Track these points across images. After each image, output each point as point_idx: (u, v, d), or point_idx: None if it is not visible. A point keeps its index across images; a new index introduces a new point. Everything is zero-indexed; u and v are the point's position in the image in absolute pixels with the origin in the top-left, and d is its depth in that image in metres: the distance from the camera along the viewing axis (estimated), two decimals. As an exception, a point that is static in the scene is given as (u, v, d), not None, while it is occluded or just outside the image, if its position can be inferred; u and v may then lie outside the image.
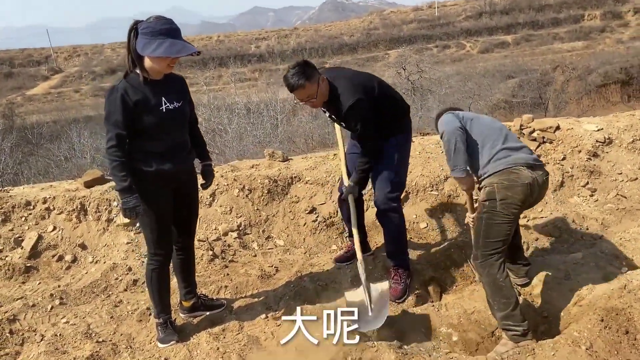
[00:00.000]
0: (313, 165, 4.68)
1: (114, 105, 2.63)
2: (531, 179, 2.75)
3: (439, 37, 36.65)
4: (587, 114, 18.25)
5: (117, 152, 2.65)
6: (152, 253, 2.98)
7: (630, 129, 4.59)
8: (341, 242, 4.21)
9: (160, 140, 2.77)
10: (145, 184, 2.78)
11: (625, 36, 34.91)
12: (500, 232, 2.79)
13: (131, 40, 2.64)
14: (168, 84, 2.81)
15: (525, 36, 36.00)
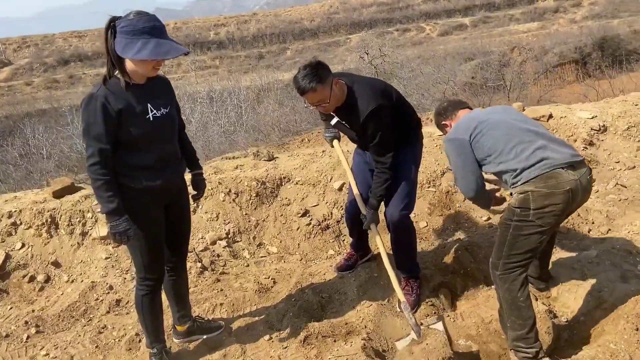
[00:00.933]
0: (302, 165, 4.40)
1: (94, 115, 2.27)
2: (573, 183, 2.40)
3: (399, 21, 36.58)
4: (548, 95, 18.58)
5: (101, 170, 2.31)
6: (142, 277, 2.65)
7: (624, 115, 4.51)
8: (338, 247, 3.98)
9: (148, 152, 2.43)
10: (134, 202, 2.44)
11: (578, 16, 35.71)
12: (528, 244, 2.49)
13: (109, 39, 2.27)
14: (152, 88, 2.46)
15: (483, 18, 36.37)
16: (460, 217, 4.01)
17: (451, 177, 4.24)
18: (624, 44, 31.14)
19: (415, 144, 3.16)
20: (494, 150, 2.57)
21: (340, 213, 4.11)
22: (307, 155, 4.57)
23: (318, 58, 3.06)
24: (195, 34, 40.61)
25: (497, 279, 2.63)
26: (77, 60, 39.01)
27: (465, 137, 2.64)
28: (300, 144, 11.41)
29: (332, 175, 4.28)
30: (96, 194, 2.37)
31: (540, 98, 16.89)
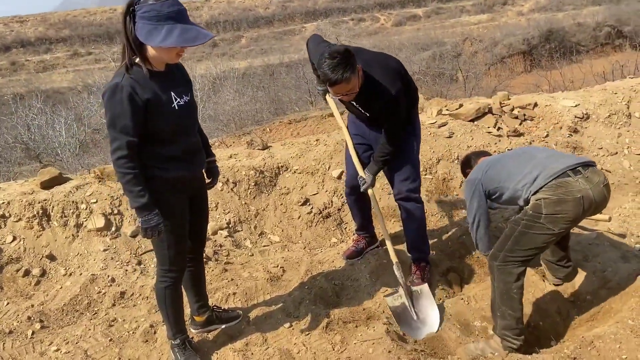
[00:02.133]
0: (299, 153, 4.38)
1: (120, 107, 2.17)
2: (585, 191, 2.47)
3: (353, 10, 36.70)
4: (502, 85, 19.19)
5: (129, 163, 2.22)
6: (166, 269, 2.58)
7: (605, 103, 4.73)
8: (340, 234, 4.00)
9: (176, 143, 2.37)
10: (162, 193, 2.38)
11: (525, 8, 36.94)
12: (534, 242, 2.55)
13: (128, 25, 2.15)
14: (173, 75, 2.37)
15: (435, 9, 37.04)
16: (458, 203, 4.11)
17: (446, 164, 4.35)
18: (569, 36, 32.48)
19: (415, 120, 3.20)
20: (502, 177, 2.73)
21: (340, 201, 4.13)
22: (302, 144, 4.55)
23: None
24: (144, 20, 39.17)
25: (494, 269, 2.69)
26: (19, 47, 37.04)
27: (477, 176, 2.82)
28: (262, 134, 11.34)
29: (330, 163, 4.29)
30: (125, 189, 2.28)
31: (495, 88, 17.42)
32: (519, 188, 2.67)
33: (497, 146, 4.43)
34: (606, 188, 2.61)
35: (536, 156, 2.71)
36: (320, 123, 11.46)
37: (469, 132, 4.50)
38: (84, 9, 42.06)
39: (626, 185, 4.13)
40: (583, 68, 20.06)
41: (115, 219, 3.85)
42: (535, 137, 4.54)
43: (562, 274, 3.11)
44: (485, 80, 24.09)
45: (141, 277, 3.54)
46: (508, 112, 4.71)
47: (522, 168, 2.66)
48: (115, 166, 2.24)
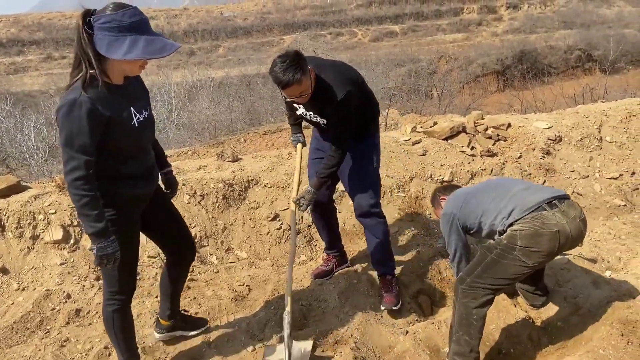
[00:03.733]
0: (270, 167, 4.27)
1: (78, 124, 1.99)
2: (561, 225, 2.43)
3: (332, 24, 36.88)
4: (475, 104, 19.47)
5: (86, 185, 2.05)
6: (114, 292, 2.41)
7: (577, 126, 4.76)
8: (310, 252, 3.89)
9: (136, 160, 2.26)
10: (120, 211, 2.25)
11: (499, 29, 37.75)
12: (505, 272, 2.50)
13: (83, 37, 1.99)
14: (131, 89, 2.22)
15: (412, 27, 37.50)
16: (430, 222, 4.04)
17: (419, 182, 4.29)
18: (541, 58, 33.35)
19: (375, 133, 3.16)
20: (478, 213, 2.67)
21: (311, 218, 4.01)
22: (274, 157, 4.44)
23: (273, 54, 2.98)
24: (120, 26, 38.68)
25: (458, 291, 2.62)
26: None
27: (453, 211, 2.76)
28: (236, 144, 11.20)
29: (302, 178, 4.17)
30: (80, 213, 2.10)
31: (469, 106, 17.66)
32: (496, 223, 2.62)
33: (470, 165, 4.39)
34: (583, 222, 2.58)
35: (511, 189, 2.67)
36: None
37: (442, 150, 4.46)
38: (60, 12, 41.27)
39: (597, 209, 4.13)
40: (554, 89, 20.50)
41: (75, 231, 3.67)
42: (508, 157, 4.52)
43: (538, 302, 3.08)
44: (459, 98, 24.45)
45: (99, 294, 3.35)
46: (482, 131, 4.69)
47: (498, 203, 2.61)
48: (70, 188, 2.06)
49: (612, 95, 15.78)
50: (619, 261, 3.50)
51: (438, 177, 4.28)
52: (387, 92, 25.20)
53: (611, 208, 4.20)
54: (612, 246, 3.64)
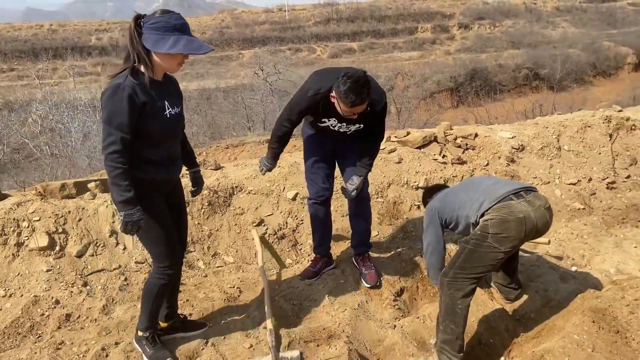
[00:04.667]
0: (253, 174, 4.39)
1: (119, 105, 2.32)
2: (526, 213, 2.69)
3: (291, 40, 37.29)
4: (433, 119, 20.11)
5: (120, 158, 2.34)
6: (165, 266, 2.68)
7: (537, 136, 5.11)
8: (295, 255, 4.01)
9: (158, 148, 2.53)
10: (141, 192, 2.48)
11: (452, 48, 39.11)
12: (483, 260, 2.72)
13: (133, 35, 2.36)
14: (168, 86, 2.57)
15: (369, 44, 38.36)
16: (408, 226, 4.25)
17: (396, 188, 4.50)
18: (492, 75, 34.72)
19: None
20: (455, 207, 2.95)
21: (295, 222, 4.15)
22: (255, 165, 4.56)
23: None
24: (73, 38, 37.90)
25: (444, 284, 2.84)
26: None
27: (435, 205, 3.08)
28: (197, 157, 11.16)
29: (285, 185, 4.32)
30: (112, 182, 2.37)
31: (427, 121, 18.23)
32: (470, 215, 2.87)
33: (443, 172, 4.65)
34: (548, 211, 2.84)
35: (482, 184, 2.96)
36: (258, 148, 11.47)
37: (416, 158, 4.70)
38: (8, 24, 39.95)
39: (559, 212, 4.45)
40: (505, 105, 21.45)
41: (60, 237, 3.67)
42: (477, 165, 4.81)
43: (512, 295, 3.32)
44: (416, 113, 25.15)
45: (88, 299, 3.38)
46: (452, 141, 4.97)
47: (471, 196, 2.89)
48: (107, 160, 2.33)
49: (559, 110, 16.68)
50: (582, 258, 3.80)
51: (413, 183, 4.50)
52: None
53: (572, 211, 4.53)
54: (575, 245, 3.94)
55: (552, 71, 34.79)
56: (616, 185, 4.80)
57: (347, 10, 41.74)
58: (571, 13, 48.32)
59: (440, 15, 42.88)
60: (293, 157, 4.74)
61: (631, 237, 4.05)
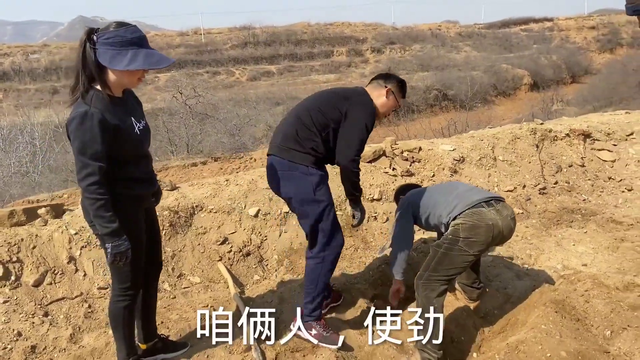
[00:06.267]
0: (212, 193, 4.36)
1: (91, 133, 2.21)
2: (495, 220, 2.90)
3: (208, 63, 36.96)
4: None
5: (100, 189, 2.25)
6: (126, 287, 2.58)
7: (475, 148, 5.49)
8: (262, 272, 4.02)
9: (139, 165, 2.49)
10: (124, 210, 2.40)
11: (366, 71, 40.52)
12: (453, 263, 2.92)
13: (88, 52, 2.23)
14: (129, 101, 2.49)
15: (287, 67, 38.90)
16: (367, 236, 4.40)
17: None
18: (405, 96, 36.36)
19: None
20: (429, 205, 3.17)
21: (259, 239, 4.17)
22: (213, 184, 4.53)
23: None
24: (-31, 62, 35.23)
25: (419, 286, 3.02)
26: None
27: (409, 199, 3.30)
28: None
29: (246, 202, 4.33)
30: (95, 215, 2.29)
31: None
32: (442, 215, 3.09)
33: (394, 184, 4.86)
34: (513, 221, 3.09)
35: (458, 189, 3.20)
36: (183, 172, 11.27)
37: (369, 172, 4.89)
38: None
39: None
40: (423, 124, 22.55)
41: (15, 267, 3.45)
42: (424, 176, 5.08)
43: (474, 295, 3.54)
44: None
45: (52, 329, 3.21)
46: (399, 154, 5.22)
47: (446, 198, 3.11)
48: (86, 192, 2.26)
49: (472, 127, 17.82)
50: (530, 257, 4.12)
51: (369, 196, 4.68)
52: (271, 128, 25.69)
53: (512, 216, 4.89)
54: (522, 246, 4.27)
55: (458, 92, 36.96)
56: (547, 190, 5.25)
57: (264, 34, 42.13)
58: (472, 38, 51.82)
59: (354, 39, 44.44)
60: (249, 174, 4.76)
61: (568, 236, 4.45)
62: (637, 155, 5.77)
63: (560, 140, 5.81)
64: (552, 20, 56.35)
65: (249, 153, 13.53)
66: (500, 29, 54.90)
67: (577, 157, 5.71)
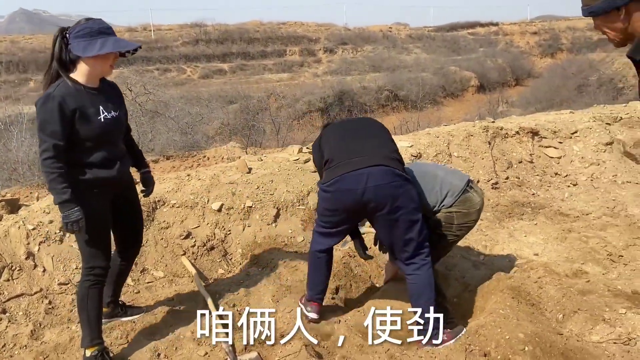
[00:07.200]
0: (174, 188, 4.32)
1: (50, 114, 2.47)
2: (481, 202, 3.15)
3: (158, 60, 36.09)
4: (310, 138, 20.85)
5: (54, 163, 2.49)
6: (90, 267, 2.73)
7: (432, 145, 5.67)
8: (227, 265, 4.03)
9: (99, 151, 2.65)
10: (84, 193, 2.61)
11: (319, 71, 40.79)
12: (447, 245, 3.22)
13: (62, 48, 2.54)
14: (105, 92, 2.71)
15: (240, 65, 38.56)
16: (330, 231, 4.47)
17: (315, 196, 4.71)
18: (357, 97, 36.79)
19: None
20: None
21: (223, 233, 4.17)
22: (175, 179, 4.49)
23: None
24: None
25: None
26: None
27: None
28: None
29: (209, 197, 4.32)
30: (50, 186, 2.52)
31: (305, 139, 18.85)
32: (430, 203, 3.13)
33: (355, 180, 4.96)
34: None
35: (438, 175, 3.22)
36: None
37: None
38: None
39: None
40: (376, 124, 22.88)
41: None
42: (383, 172, 5.19)
43: None
44: (292, 132, 25.81)
45: (11, 326, 3.13)
46: (359, 151, 5.31)
47: (432, 186, 3.15)
48: (42, 166, 2.49)
49: (423, 127, 18.30)
50: (485, 248, 4.31)
51: (331, 191, 4.75)
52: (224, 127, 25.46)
53: (467, 209, 5.09)
54: (477, 237, 4.46)
55: (409, 93, 37.70)
56: (499, 185, 5.49)
57: (216, 31, 41.59)
58: (422, 40, 53.00)
59: (307, 39, 44.57)
60: (211, 169, 4.75)
61: (519, 228, 4.68)
62: (580, 152, 6.11)
63: (510, 138, 6.08)
64: (498, 25, 58.41)
65: (203, 151, 13.41)
66: (448, 32, 56.35)
67: (526, 153, 6.00)
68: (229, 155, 11.81)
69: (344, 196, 2.90)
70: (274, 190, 4.54)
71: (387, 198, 2.86)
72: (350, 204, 2.91)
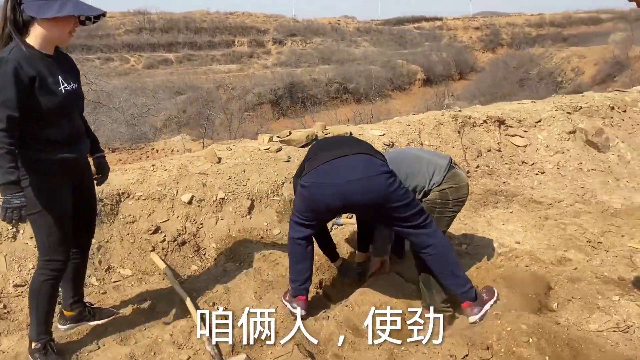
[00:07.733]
0: (139, 179, 3.99)
1: (4, 80, 2.13)
2: (466, 178, 3.22)
3: (99, 49, 34.53)
4: (264, 128, 20.57)
5: (5, 138, 2.12)
6: (47, 260, 2.46)
7: (403, 133, 5.55)
8: (200, 261, 3.75)
9: (59, 127, 2.36)
10: (44, 176, 2.34)
11: (269, 62, 40.33)
12: (445, 223, 3.19)
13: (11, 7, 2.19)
14: (61, 62, 2.40)
15: (187, 55, 37.49)
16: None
17: (290, 186, 4.49)
18: (307, 89, 36.64)
19: None
20: (403, 175, 3.04)
21: (195, 227, 3.89)
22: (138, 169, 4.14)
23: None
24: None
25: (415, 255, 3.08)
26: None
27: None
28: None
29: (177, 188, 4.02)
30: None
31: (258, 131, 18.53)
32: (420, 184, 3.11)
33: (329, 169, 4.77)
34: None
35: (422, 157, 3.23)
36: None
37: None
38: None
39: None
40: (329, 115, 22.86)
41: None
42: (357, 161, 5.04)
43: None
44: (244, 124, 25.33)
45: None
46: (330, 139, 5.13)
47: (418, 168, 3.13)
48: None
49: (375, 119, 18.37)
50: (466, 238, 4.23)
51: (305, 180, 4.54)
52: (172, 118, 24.66)
53: (441, 199, 5.02)
54: (456, 227, 4.37)
55: (358, 85, 37.90)
56: (470, 174, 5.45)
57: (160, 20, 40.26)
58: (369, 34, 53.44)
59: (256, 30, 43.93)
60: (177, 159, 4.43)
61: (496, 216, 4.64)
62: (545, 140, 6.18)
63: (478, 127, 6.07)
64: (442, 20, 59.73)
65: (151, 143, 12.85)
66: (395, 25, 57.14)
67: (494, 142, 6.00)
68: (179, 147, 11.38)
69: (324, 190, 2.75)
70: (247, 181, 4.28)
71: (372, 191, 2.70)
72: (331, 201, 2.75)
